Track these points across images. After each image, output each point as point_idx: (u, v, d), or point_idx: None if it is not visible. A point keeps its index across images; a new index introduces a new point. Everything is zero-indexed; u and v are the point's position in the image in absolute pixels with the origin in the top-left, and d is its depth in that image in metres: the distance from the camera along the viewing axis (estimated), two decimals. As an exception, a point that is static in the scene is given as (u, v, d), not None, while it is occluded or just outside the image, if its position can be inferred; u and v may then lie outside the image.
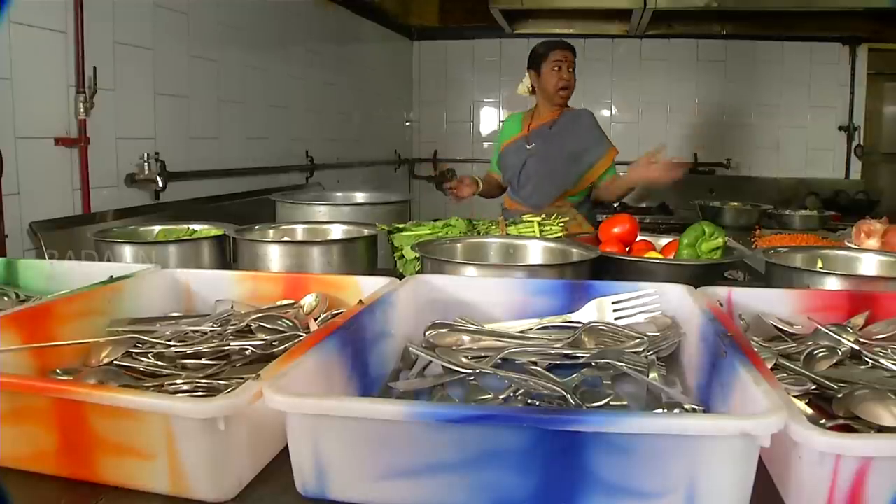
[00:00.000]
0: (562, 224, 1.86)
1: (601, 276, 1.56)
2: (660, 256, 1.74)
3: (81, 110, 2.53)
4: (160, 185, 2.86)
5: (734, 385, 0.84)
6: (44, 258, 2.29)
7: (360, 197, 2.74)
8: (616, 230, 1.84)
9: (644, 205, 5.54)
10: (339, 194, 2.82)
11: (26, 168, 2.33)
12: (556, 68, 3.37)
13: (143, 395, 0.79)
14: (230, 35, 3.50)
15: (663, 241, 1.87)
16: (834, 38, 5.63)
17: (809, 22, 5.30)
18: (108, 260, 1.71)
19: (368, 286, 1.24)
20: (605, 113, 6.00)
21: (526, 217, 1.91)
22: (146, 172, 2.85)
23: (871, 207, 4.88)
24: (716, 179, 5.80)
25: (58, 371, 1.05)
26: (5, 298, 1.38)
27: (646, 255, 1.73)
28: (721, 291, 1.24)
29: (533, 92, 3.50)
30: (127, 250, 1.71)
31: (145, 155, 2.85)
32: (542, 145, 3.40)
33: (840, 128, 5.75)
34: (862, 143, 5.75)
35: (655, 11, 4.78)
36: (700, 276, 1.58)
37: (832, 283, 1.45)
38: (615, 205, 5.36)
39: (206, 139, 3.35)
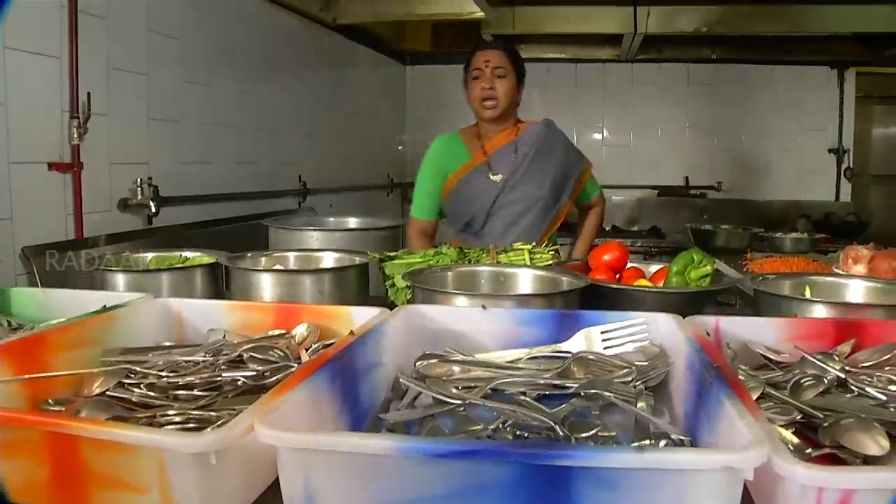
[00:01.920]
0: (552, 252, 1.87)
1: (591, 303, 1.57)
2: (649, 284, 1.75)
3: (75, 135, 2.53)
4: (153, 209, 2.87)
5: (720, 416, 0.85)
6: (36, 283, 2.30)
7: (352, 222, 2.75)
8: (606, 257, 1.86)
9: (636, 228, 5.57)
10: (331, 219, 2.83)
11: (19, 193, 2.33)
12: (476, 76, 2.74)
13: (135, 430, 0.79)
14: (223, 60, 3.52)
15: (653, 268, 1.89)
16: (822, 62, 5.70)
17: (798, 46, 5.38)
18: (102, 287, 1.72)
19: (360, 316, 1.25)
20: (597, 136, 6.05)
21: (517, 245, 1.92)
22: (139, 197, 2.85)
23: (862, 229, 4.93)
24: (707, 202, 5.85)
25: (50, 401, 1.05)
26: (-3, 326, 1.39)
27: (635, 283, 1.74)
28: (709, 320, 1.26)
29: None
30: (120, 278, 1.71)
31: (138, 180, 2.85)
32: (515, 176, 2.71)
33: (830, 150, 5.81)
34: (851, 165, 5.81)
35: (646, 36, 4.85)
36: (689, 303, 1.60)
37: (819, 311, 1.46)
38: (606, 228, 5.40)
39: (200, 164, 3.36)
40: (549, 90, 5.84)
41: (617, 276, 1.84)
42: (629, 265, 1.88)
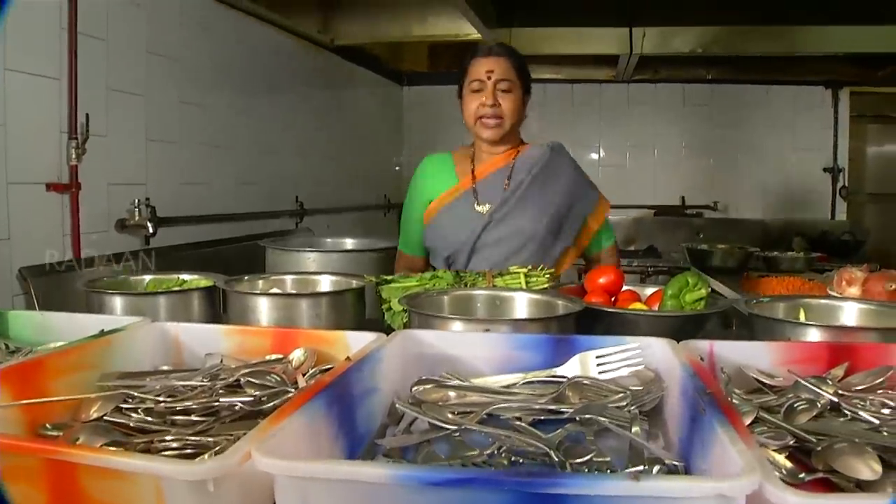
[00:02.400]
0: (547, 275, 1.87)
1: (587, 326, 1.57)
2: (644, 308, 1.76)
3: (73, 156, 2.55)
4: (150, 230, 2.88)
5: (713, 442, 0.86)
6: (33, 304, 2.31)
7: (349, 243, 2.75)
8: (602, 280, 1.86)
9: (632, 248, 5.58)
10: (328, 240, 2.83)
11: (17, 213, 2.35)
12: (475, 88, 2.34)
13: (133, 457, 0.80)
14: (221, 81, 3.54)
15: (649, 290, 1.90)
16: (817, 83, 5.74)
17: (793, 66, 5.43)
18: (99, 309, 1.72)
19: (356, 341, 1.26)
20: (594, 156, 6.07)
21: (513, 268, 1.91)
22: (137, 218, 2.86)
23: (858, 247, 4.94)
24: (703, 222, 5.87)
25: (47, 426, 1.05)
26: (-5, 350, 1.39)
27: (631, 307, 1.74)
28: (703, 345, 1.26)
29: None
30: (117, 301, 1.72)
31: (136, 201, 2.86)
32: (505, 207, 2.29)
33: (825, 169, 5.84)
34: (846, 183, 5.84)
35: (642, 57, 4.88)
36: (684, 326, 1.60)
37: (813, 334, 1.46)
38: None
39: (197, 184, 3.37)
40: (546, 111, 5.87)
41: (612, 300, 1.84)
42: (624, 288, 1.89)
